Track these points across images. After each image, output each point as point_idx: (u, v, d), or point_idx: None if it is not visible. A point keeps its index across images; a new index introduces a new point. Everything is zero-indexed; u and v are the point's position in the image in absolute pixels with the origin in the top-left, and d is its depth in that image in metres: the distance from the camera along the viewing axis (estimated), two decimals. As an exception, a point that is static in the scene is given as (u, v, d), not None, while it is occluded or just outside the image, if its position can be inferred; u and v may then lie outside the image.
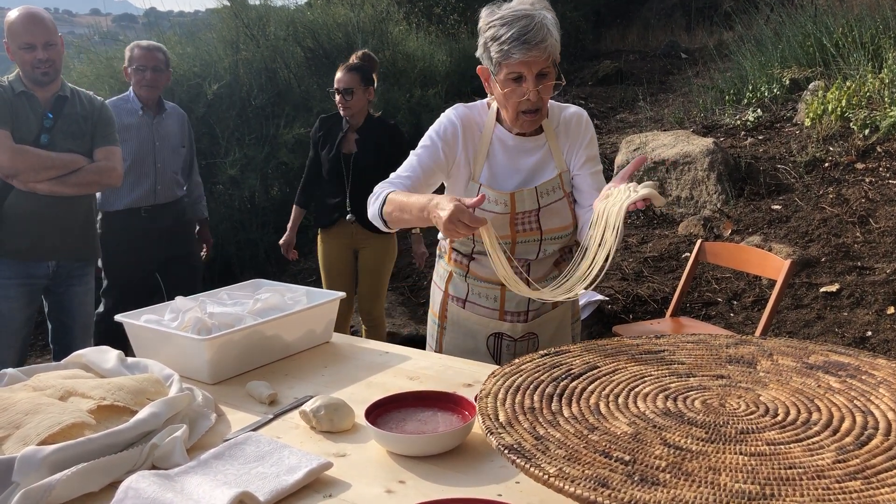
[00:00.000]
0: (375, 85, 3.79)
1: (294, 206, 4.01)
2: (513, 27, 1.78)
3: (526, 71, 1.82)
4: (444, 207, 1.63)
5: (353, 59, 3.78)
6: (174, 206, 3.78)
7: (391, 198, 1.86)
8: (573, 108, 2.04)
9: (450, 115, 2.01)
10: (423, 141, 2.01)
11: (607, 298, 4.26)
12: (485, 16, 1.86)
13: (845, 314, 3.91)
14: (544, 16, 1.81)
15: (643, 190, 1.57)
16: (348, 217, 3.73)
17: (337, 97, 3.68)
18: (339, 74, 3.67)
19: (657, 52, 10.29)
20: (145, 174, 3.67)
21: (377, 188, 1.96)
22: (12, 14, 2.91)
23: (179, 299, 1.93)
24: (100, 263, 3.61)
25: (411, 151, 2.03)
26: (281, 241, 4.03)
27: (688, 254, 4.49)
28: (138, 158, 3.65)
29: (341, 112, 3.70)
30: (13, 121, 2.87)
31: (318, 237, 3.87)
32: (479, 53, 1.89)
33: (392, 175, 1.98)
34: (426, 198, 1.74)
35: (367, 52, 3.89)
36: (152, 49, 3.69)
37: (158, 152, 3.69)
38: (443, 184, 2.07)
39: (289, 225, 4.02)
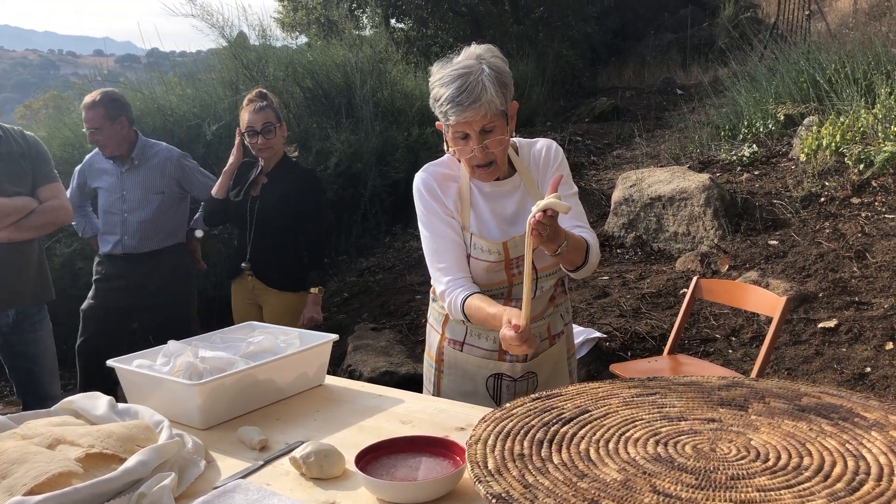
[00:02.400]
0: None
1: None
2: (449, 88, 1.79)
3: (468, 129, 1.83)
4: (503, 332, 1.67)
5: (254, 96, 3.43)
6: (151, 257, 3.70)
7: (469, 304, 1.87)
8: (542, 142, 2.05)
9: (422, 177, 2.01)
10: (421, 218, 2.00)
11: (605, 335, 4.25)
12: (432, 73, 1.87)
13: (844, 350, 3.89)
14: (482, 70, 1.79)
15: (543, 201, 1.56)
16: (243, 265, 3.48)
17: (256, 139, 3.35)
18: (252, 115, 3.34)
19: (653, 88, 10.40)
20: (114, 224, 3.67)
21: (442, 290, 1.94)
22: None
23: (171, 343, 1.93)
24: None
25: (422, 235, 2.01)
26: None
27: (685, 290, 4.48)
28: (107, 209, 3.66)
29: (260, 154, 3.41)
30: None
31: (231, 287, 3.62)
32: (433, 111, 1.90)
33: (435, 271, 1.97)
34: (499, 311, 1.76)
35: (262, 89, 3.53)
36: (91, 106, 3.54)
37: (126, 202, 3.64)
38: None
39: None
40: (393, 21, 11.45)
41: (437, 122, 1.94)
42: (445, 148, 1.95)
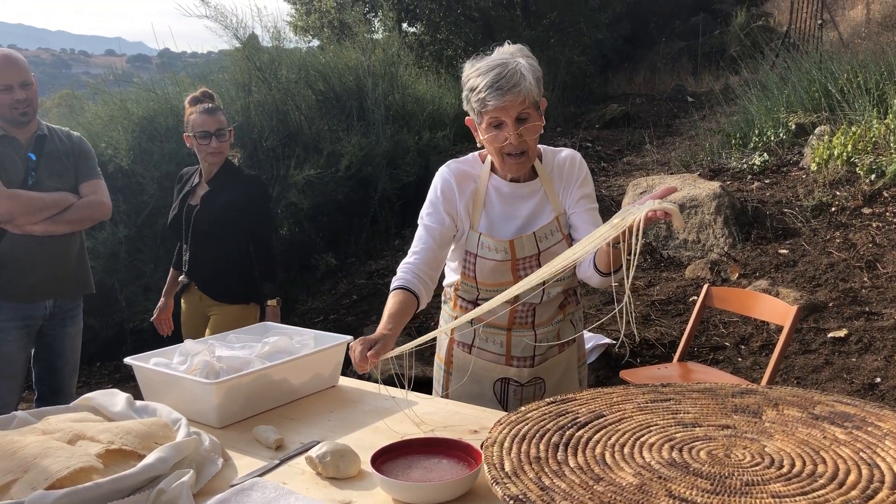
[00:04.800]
0: None
1: (171, 268, 3.46)
2: (487, 76, 1.84)
3: (504, 116, 1.86)
4: (359, 345, 1.74)
5: (200, 95, 3.25)
6: None
7: (395, 291, 1.93)
8: (566, 151, 2.07)
9: (443, 172, 2.05)
10: (426, 208, 2.05)
11: (614, 341, 4.25)
12: (466, 69, 1.93)
13: (853, 360, 3.89)
14: (518, 62, 1.86)
15: (666, 203, 1.54)
16: (181, 278, 3.29)
17: (209, 142, 3.13)
18: (203, 116, 3.13)
19: (664, 95, 10.40)
20: None
21: (400, 266, 2.00)
22: None
23: (188, 342, 1.95)
24: None
25: (418, 221, 2.06)
26: (155, 310, 3.50)
27: (695, 297, 4.49)
28: None
29: (210, 159, 3.17)
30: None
31: (181, 299, 3.39)
32: (465, 106, 1.95)
33: (409, 252, 2.02)
34: (385, 323, 1.84)
35: (206, 89, 3.34)
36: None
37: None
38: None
39: (164, 289, 3.47)
40: (405, 25, 11.48)
41: (466, 119, 1.97)
42: (478, 141, 1.97)
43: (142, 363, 1.86)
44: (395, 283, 1.94)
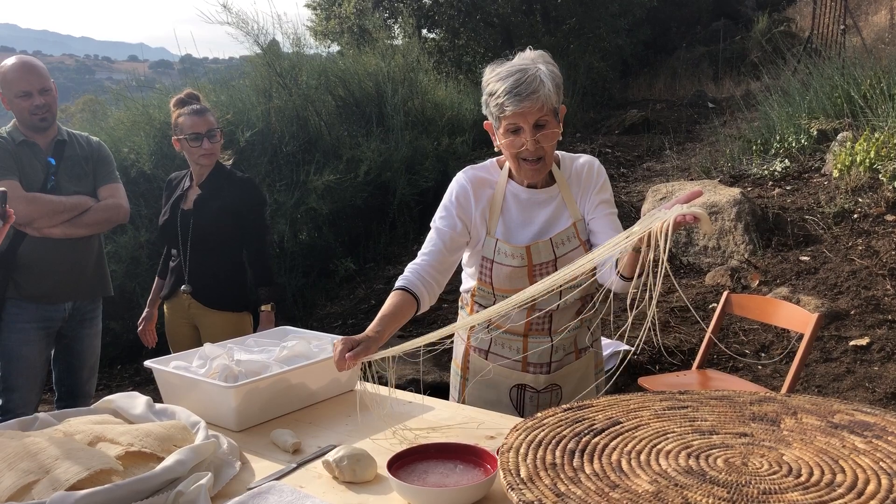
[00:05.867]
0: None
1: (156, 277, 3.36)
2: (506, 81, 1.85)
3: (522, 122, 1.87)
4: (340, 343, 1.73)
5: (186, 97, 3.17)
6: None
7: (395, 291, 1.93)
8: (585, 157, 2.07)
9: (460, 178, 2.06)
10: (439, 211, 2.06)
11: (632, 348, 4.23)
12: (486, 73, 1.94)
13: (875, 369, 3.84)
14: (538, 68, 1.87)
15: (695, 207, 1.52)
16: (183, 288, 3.13)
17: (200, 144, 3.06)
18: (193, 118, 3.05)
19: (684, 101, 10.34)
20: None
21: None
22: (6, 63, 2.94)
23: (207, 346, 1.97)
24: None
25: (431, 224, 2.06)
26: (140, 320, 3.38)
27: (715, 304, 4.45)
28: None
29: (202, 161, 3.10)
30: (19, 170, 2.92)
31: (165, 307, 3.29)
32: (484, 110, 1.95)
33: (419, 254, 2.03)
34: (377, 322, 1.83)
35: (192, 90, 3.25)
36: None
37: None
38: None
39: (148, 299, 3.38)
40: (424, 31, 11.52)
41: (485, 123, 1.98)
42: (496, 145, 1.98)
43: (161, 366, 1.88)
44: (398, 283, 1.95)
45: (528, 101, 1.83)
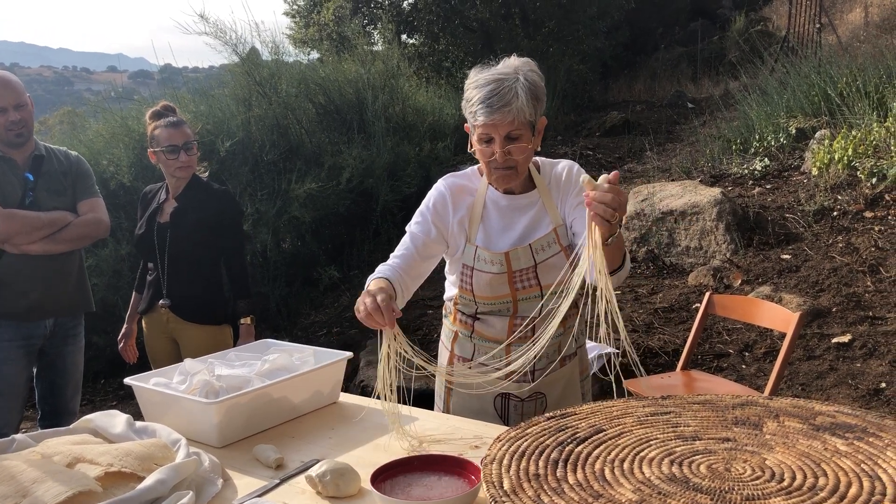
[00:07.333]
0: None
1: (133, 292, 3.34)
2: (482, 90, 1.84)
3: (493, 132, 1.86)
4: (368, 296, 1.69)
5: (162, 109, 3.15)
6: None
7: (375, 279, 1.89)
8: (564, 162, 2.07)
9: (439, 186, 2.06)
10: (415, 217, 2.06)
11: (618, 350, 4.24)
12: (469, 77, 1.93)
13: (858, 365, 3.87)
14: (518, 79, 1.85)
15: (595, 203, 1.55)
16: (161, 302, 3.11)
17: (177, 157, 3.04)
18: (169, 130, 3.03)
19: (664, 102, 10.41)
20: None
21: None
22: None
23: (188, 361, 1.95)
24: None
25: (406, 228, 2.06)
26: (119, 337, 3.36)
27: (698, 304, 4.47)
28: None
29: (178, 174, 3.08)
30: None
31: (143, 321, 3.25)
32: (464, 112, 1.95)
33: (390, 256, 2.01)
34: (374, 284, 1.80)
35: (167, 102, 3.23)
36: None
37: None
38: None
39: (127, 315, 3.36)
40: (404, 37, 11.52)
41: (465, 125, 1.97)
42: (469, 148, 1.98)
43: (141, 383, 1.86)
44: (374, 274, 1.91)
45: (498, 113, 1.82)
